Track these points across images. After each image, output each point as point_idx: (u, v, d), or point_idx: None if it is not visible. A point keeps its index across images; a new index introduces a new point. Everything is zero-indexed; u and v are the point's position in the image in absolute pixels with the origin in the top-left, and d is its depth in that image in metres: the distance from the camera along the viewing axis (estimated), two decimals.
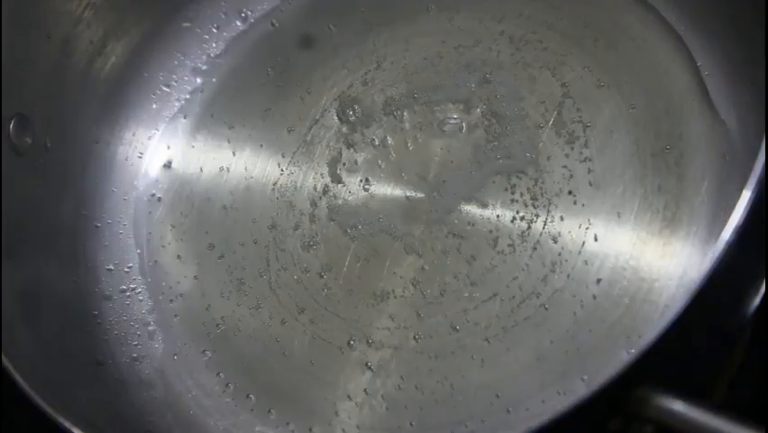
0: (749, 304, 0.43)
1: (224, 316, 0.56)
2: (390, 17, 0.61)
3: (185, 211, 0.61)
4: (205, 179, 0.61)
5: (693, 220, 0.48)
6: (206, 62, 0.65)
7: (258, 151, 0.61)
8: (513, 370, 0.49)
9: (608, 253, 0.50)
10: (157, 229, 0.61)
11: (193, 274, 0.59)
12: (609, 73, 0.54)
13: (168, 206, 0.61)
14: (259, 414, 0.53)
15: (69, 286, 0.58)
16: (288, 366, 0.54)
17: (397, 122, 0.58)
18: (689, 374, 0.41)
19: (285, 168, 0.60)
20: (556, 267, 0.50)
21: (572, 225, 0.51)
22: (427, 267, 0.53)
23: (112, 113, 0.63)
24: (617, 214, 0.50)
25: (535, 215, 0.52)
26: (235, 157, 0.61)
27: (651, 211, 0.50)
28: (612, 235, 0.50)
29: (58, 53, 0.60)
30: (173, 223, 0.61)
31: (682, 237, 0.48)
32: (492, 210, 0.53)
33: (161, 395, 0.55)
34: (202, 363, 0.55)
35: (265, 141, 0.61)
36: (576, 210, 0.51)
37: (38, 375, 0.47)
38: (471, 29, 0.59)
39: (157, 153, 0.63)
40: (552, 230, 0.51)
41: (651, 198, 0.50)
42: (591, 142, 0.53)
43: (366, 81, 0.60)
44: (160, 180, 0.62)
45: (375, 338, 0.52)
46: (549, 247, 0.51)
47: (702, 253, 0.47)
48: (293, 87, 0.62)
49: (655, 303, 0.47)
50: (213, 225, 0.60)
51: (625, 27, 0.55)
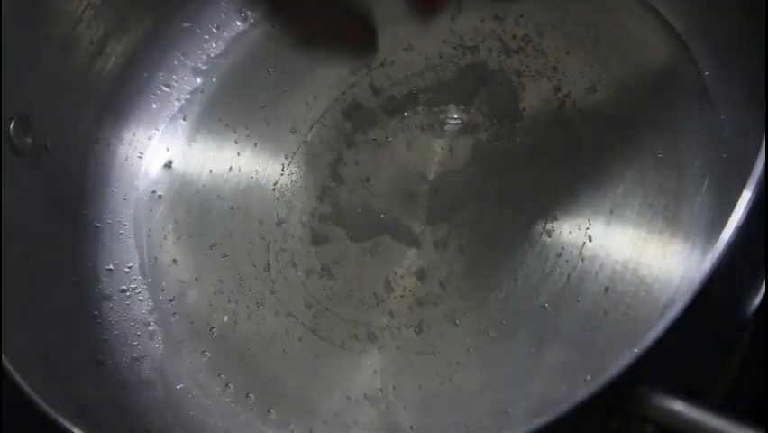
0: (749, 304, 0.43)
1: (225, 316, 0.56)
2: (391, 17, 0.61)
3: (185, 211, 0.61)
4: (205, 179, 0.61)
5: (693, 220, 0.48)
6: (206, 62, 0.65)
7: (258, 150, 0.61)
8: (513, 370, 0.49)
9: (608, 253, 0.50)
10: (157, 229, 0.61)
11: (193, 274, 0.58)
12: (609, 73, 0.54)
13: (168, 206, 0.61)
14: (259, 414, 0.53)
15: (69, 286, 0.58)
16: (288, 366, 0.54)
17: (397, 122, 0.58)
18: (689, 374, 0.41)
19: (286, 168, 0.60)
20: (556, 267, 0.50)
21: (572, 225, 0.51)
22: (428, 267, 0.53)
23: (112, 113, 0.63)
24: (618, 214, 0.50)
25: (536, 214, 0.52)
26: (236, 157, 0.61)
27: (651, 211, 0.50)
28: (612, 235, 0.50)
29: (58, 53, 0.60)
30: (173, 223, 0.61)
31: (682, 237, 0.48)
32: (492, 210, 0.53)
33: (161, 395, 0.55)
34: (202, 363, 0.55)
35: (266, 141, 0.61)
36: (576, 210, 0.51)
37: (38, 375, 0.47)
38: (473, 29, 0.59)
39: (157, 153, 0.63)
40: (552, 230, 0.51)
41: (651, 198, 0.50)
42: (591, 142, 0.53)
43: (366, 81, 0.60)
44: (161, 180, 0.62)
45: (375, 338, 0.52)
46: (549, 247, 0.51)
47: (702, 253, 0.47)
48: (293, 86, 0.62)
49: (655, 303, 0.47)
50: (213, 225, 0.60)
51: (625, 27, 0.55)
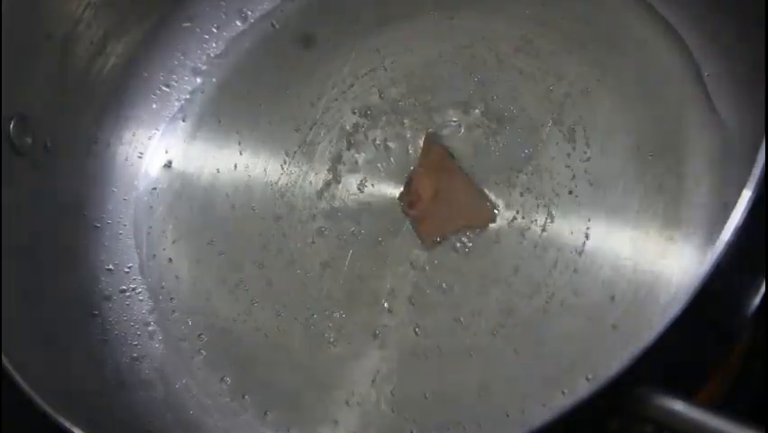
0: (749, 304, 0.43)
1: (224, 316, 0.56)
2: (391, 17, 0.61)
3: (185, 211, 0.61)
4: (205, 179, 0.61)
5: (693, 220, 0.48)
6: (206, 62, 0.65)
7: (258, 150, 0.61)
8: (513, 370, 0.49)
9: (609, 253, 0.50)
10: (157, 229, 0.61)
11: (193, 274, 0.58)
12: (609, 73, 0.54)
13: (168, 206, 0.61)
14: (258, 414, 0.53)
15: (69, 286, 0.58)
16: (288, 366, 0.53)
17: (397, 122, 0.58)
18: (689, 374, 0.41)
19: (285, 168, 0.60)
20: (556, 267, 0.50)
21: (572, 224, 0.51)
22: (428, 267, 0.53)
23: (112, 113, 0.63)
24: (617, 214, 0.50)
25: (536, 214, 0.52)
26: (235, 157, 0.61)
27: (651, 211, 0.49)
28: (612, 235, 0.50)
29: (58, 53, 0.60)
30: (173, 223, 0.61)
31: (682, 237, 0.48)
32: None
33: (161, 395, 0.55)
34: (202, 363, 0.55)
35: (265, 141, 0.61)
36: (576, 210, 0.51)
37: (38, 375, 0.47)
38: (472, 28, 0.59)
39: (157, 153, 0.63)
40: (552, 230, 0.51)
41: (651, 198, 0.50)
42: (591, 141, 0.53)
43: (366, 81, 0.60)
44: (160, 180, 0.62)
45: (375, 338, 0.52)
46: (549, 247, 0.51)
47: (702, 253, 0.47)
48: (293, 87, 0.62)
49: (655, 303, 0.47)
50: (213, 225, 0.60)
51: (625, 27, 0.55)
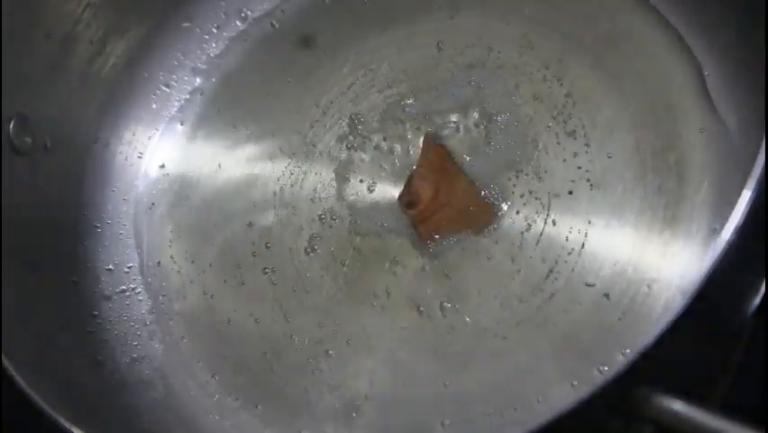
0: (749, 304, 0.43)
1: (224, 315, 0.56)
2: (391, 17, 0.61)
3: (185, 211, 0.61)
4: (205, 179, 0.61)
5: (693, 220, 0.48)
6: (206, 62, 0.65)
7: (258, 151, 0.61)
8: (513, 370, 0.49)
9: (609, 253, 0.50)
10: (157, 229, 0.61)
11: (193, 274, 0.58)
12: (610, 73, 0.54)
13: (168, 206, 0.61)
14: (258, 414, 0.53)
15: (69, 286, 0.58)
16: (288, 366, 0.53)
17: (396, 122, 0.58)
18: (689, 374, 0.41)
19: (285, 168, 0.60)
20: (556, 267, 0.50)
21: (572, 225, 0.51)
22: (428, 267, 0.53)
23: (112, 113, 0.63)
24: (617, 214, 0.50)
25: (536, 214, 0.52)
26: (235, 157, 0.61)
27: (651, 211, 0.50)
28: (612, 235, 0.50)
29: (58, 53, 0.60)
30: (173, 223, 0.61)
31: (682, 237, 0.48)
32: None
33: (161, 395, 0.55)
34: (202, 363, 0.55)
35: (265, 141, 0.61)
36: (576, 210, 0.51)
37: (38, 375, 0.47)
38: (471, 29, 0.59)
39: (157, 153, 0.63)
40: (552, 230, 0.51)
41: (651, 198, 0.50)
42: (591, 141, 0.53)
43: (366, 81, 0.60)
44: (160, 180, 0.62)
45: (375, 338, 0.52)
46: (549, 247, 0.51)
47: (702, 253, 0.47)
48: (293, 87, 0.62)
49: (655, 303, 0.47)
50: (213, 225, 0.60)
51: (625, 27, 0.55)
